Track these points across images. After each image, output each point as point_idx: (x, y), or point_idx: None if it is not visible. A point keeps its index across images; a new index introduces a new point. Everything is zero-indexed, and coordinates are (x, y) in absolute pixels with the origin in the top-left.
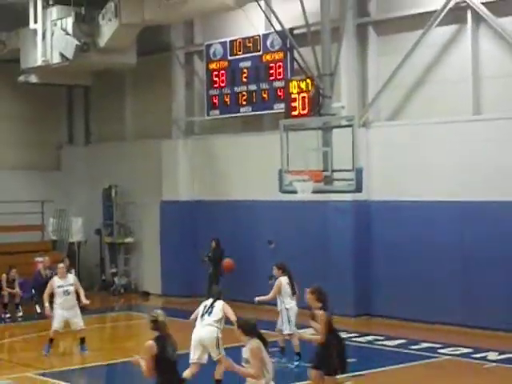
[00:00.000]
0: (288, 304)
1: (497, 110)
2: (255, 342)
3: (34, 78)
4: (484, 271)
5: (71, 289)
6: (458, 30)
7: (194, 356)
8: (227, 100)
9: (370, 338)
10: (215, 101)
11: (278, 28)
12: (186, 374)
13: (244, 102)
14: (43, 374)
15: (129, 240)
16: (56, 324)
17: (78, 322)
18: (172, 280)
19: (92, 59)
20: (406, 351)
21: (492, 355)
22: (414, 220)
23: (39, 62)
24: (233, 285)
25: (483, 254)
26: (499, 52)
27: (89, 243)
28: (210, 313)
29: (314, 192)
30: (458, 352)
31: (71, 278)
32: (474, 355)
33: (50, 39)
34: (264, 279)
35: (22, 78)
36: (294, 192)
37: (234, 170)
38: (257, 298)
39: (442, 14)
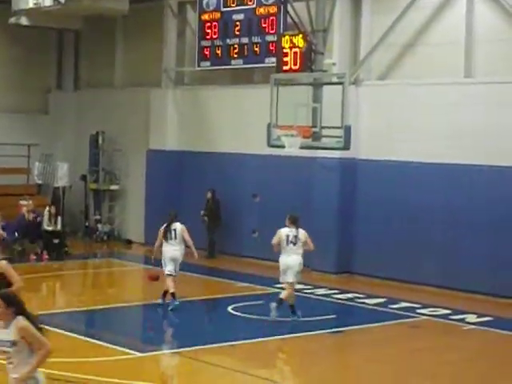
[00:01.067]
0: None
1: (488, 73)
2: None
3: (24, 21)
4: (467, 234)
5: None
6: None
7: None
8: (218, 52)
9: (350, 295)
10: (206, 52)
11: None
12: (284, 294)
13: (235, 55)
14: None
15: (114, 187)
16: None
17: None
18: (155, 229)
19: (84, 3)
20: (385, 310)
21: (471, 317)
22: (399, 181)
23: (31, 4)
24: (218, 237)
25: (467, 217)
26: (493, 15)
27: (74, 189)
28: (295, 243)
29: (302, 148)
30: (436, 313)
31: None
32: (453, 317)
33: None
34: (248, 231)
35: (12, 20)
36: (282, 147)
37: (222, 122)
38: None
39: None
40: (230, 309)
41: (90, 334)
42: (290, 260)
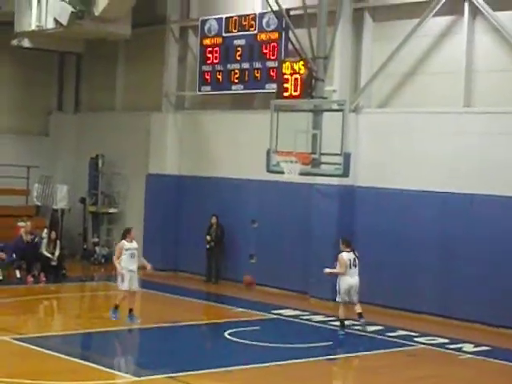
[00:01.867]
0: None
1: (488, 103)
2: None
3: (26, 43)
4: (464, 264)
5: None
6: (454, 22)
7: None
8: (219, 77)
9: (347, 322)
10: (207, 77)
11: (275, 8)
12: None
13: (236, 80)
14: (20, 339)
15: (112, 210)
16: None
17: None
18: (153, 253)
19: (86, 27)
20: (382, 337)
21: (468, 347)
22: (398, 208)
23: (33, 27)
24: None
25: (464, 246)
26: (494, 46)
27: (72, 211)
28: (356, 265)
29: (301, 174)
30: (434, 341)
31: None
32: (450, 346)
33: (45, 4)
34: (246, 257)
35: (14, 42)
36: (281, 172)
37: (222, 147)
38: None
39: (439, 4)
40: (226, 334)
41: (86, 357)
42: (354, 281)
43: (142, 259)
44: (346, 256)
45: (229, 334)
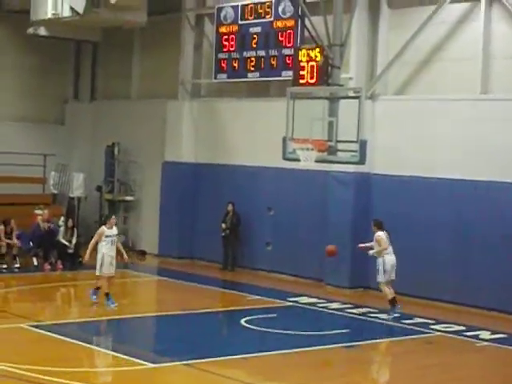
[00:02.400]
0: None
1: (504, 90)
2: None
3: (43, 31)
4: (481, 251)
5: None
6: (471, 8)
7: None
8: (235, 64)
9: (364, 310)
10: (223, 65)
11: None
12: (389, 292)
13: (252, 68)
14: (37, 326)
15: (129, 198)
16: None
17: None
18: (169, 241)
19: (102, 15)
20: (398, 325)
21: (484, 334)
22: (414, 196)
23: (49, 15)
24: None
25: (481, 233)
26: (511, 32)
27: (89, 199)
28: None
29: (317, 161)
30: (450, 329)
31: None
32: (467, 333)
33: None
34: (262, 244)
35: (31, 30)
36: (297, 160)
37: (237, 135)
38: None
39: None
40: (243, 321)
41: (103, 344)
42: (394, 258)
43: (120, 247)
44: (384, 234)
45: (245, 322)
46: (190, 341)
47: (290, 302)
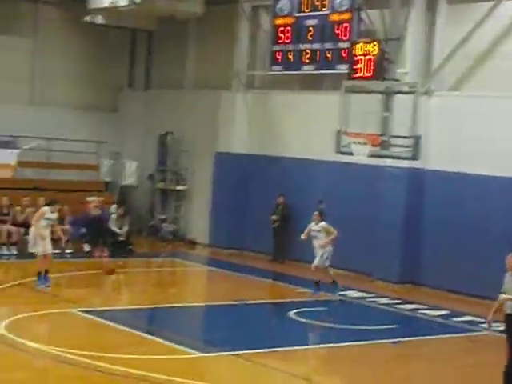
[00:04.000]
0: None
1: None
2: None
3: (99, 19)
4: None
5: None
6: None
7: None
8: (290, 57)
9: (412, 306)
10: (278, 56)
11: None
12: None
13: (307, 60)
14: (87, 312)
15: (180, 188)
16: None
17: None
18: (220, 231)
19: (159, 5)
20: (447, 322)
21: None
22: (467, 193)
23: (106, 4)
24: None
25: None
26: None
27: (140, 188)
28: None
29: (371, 156)
30: (499, 328)
31: None
32: None
33: None
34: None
35: (87, 18)
36: (350, 154)
37: (290, 127)
38: None
39: None
40: (291, 314)
41: (151, 331)
42: None
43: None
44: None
45: (294, 314)
46: (238, 331)
47: (339, 295)
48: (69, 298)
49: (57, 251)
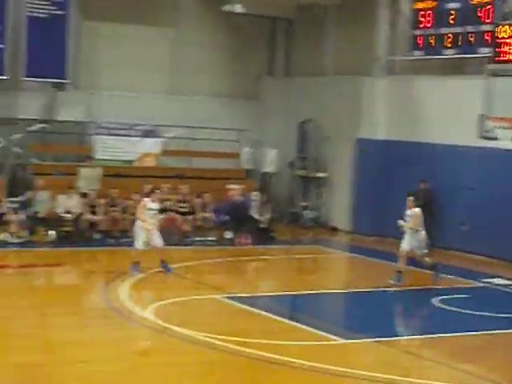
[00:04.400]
0: None
1: None
2: None
3: (238, 8)
4: None
5: None
6: None
7: None
8: (432, 41)
9: None
10: (419, 41)
11: None
12: None
13: (449, 44)
14: (231, 298)
15: (321, 175)
16: None
17: None
18: (361, 218)
19: None
20: None
21: None
22: None
23: None
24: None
25: None
26: None
27: (280, 175)
28: None
29: None
30: None
31: None
32: None
33: None
34: (456, 224)
35: (226, 7)
36: (495, 139)
37: (432, 113)
38: None
39: None
40: (435, 301)
41: (294, 317)
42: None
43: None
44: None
45: (437, 301)
46: (380, 318)
47: (484, 283)
48: (211, 284)
49: (199, 238)
